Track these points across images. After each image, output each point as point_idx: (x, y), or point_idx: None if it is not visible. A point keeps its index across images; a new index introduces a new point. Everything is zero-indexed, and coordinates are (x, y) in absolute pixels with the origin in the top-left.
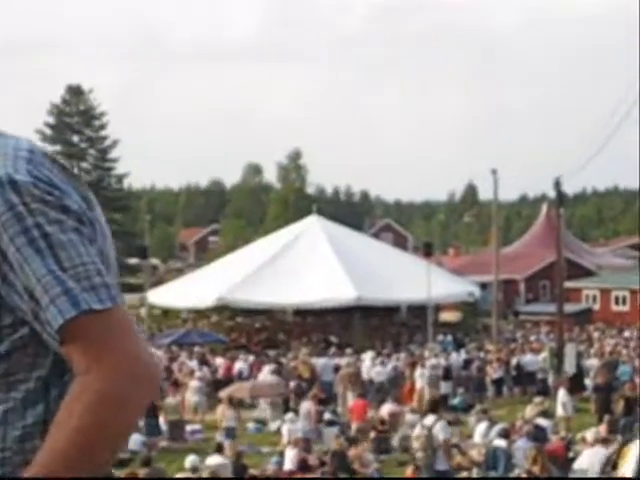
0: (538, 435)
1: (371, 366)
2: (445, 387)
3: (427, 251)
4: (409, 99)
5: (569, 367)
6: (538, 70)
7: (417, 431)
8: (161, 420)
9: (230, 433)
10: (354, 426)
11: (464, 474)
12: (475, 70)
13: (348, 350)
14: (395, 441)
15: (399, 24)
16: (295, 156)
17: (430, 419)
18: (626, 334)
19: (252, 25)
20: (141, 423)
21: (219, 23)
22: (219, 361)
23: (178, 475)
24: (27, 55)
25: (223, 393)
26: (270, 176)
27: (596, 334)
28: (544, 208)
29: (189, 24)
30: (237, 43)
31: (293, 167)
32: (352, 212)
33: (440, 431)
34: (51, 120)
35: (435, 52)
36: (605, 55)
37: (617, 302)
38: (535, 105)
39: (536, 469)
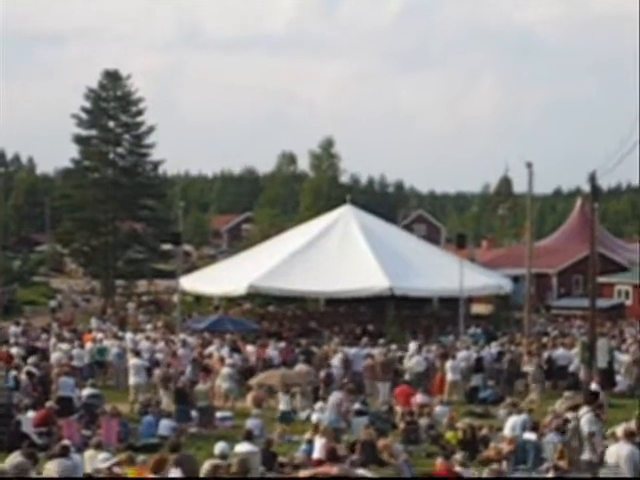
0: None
1: (413, 356)
2: (476, 379)
3: (460, 243)
4: (444, 91)
5: (601, 362)
6: (575, 64)
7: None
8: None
9: (286, 417)
10: (399, 410)
11: (494, 466)
12: (511, 63)
13: (380, 340)
14: (424, 432)
15: (433, 15)
16: (327, 144)
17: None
18: None
19: (289, 15)
20: (171, 409)
21: (257, 13)
22: (250, 349)
23: (207, 461)
24: (67, 41)
25: (253, 380)
26: (304, 165)
27: (628, 329)
28: (578, 202)
29: (227, 13)
30: (274, 33)
31: (326, 156)
32: (386, 202)
33: (586, 423)
34: (88, 105)
35: (470, 44)
36: None
37: None
38: (572, 99)
39: (563, 463)
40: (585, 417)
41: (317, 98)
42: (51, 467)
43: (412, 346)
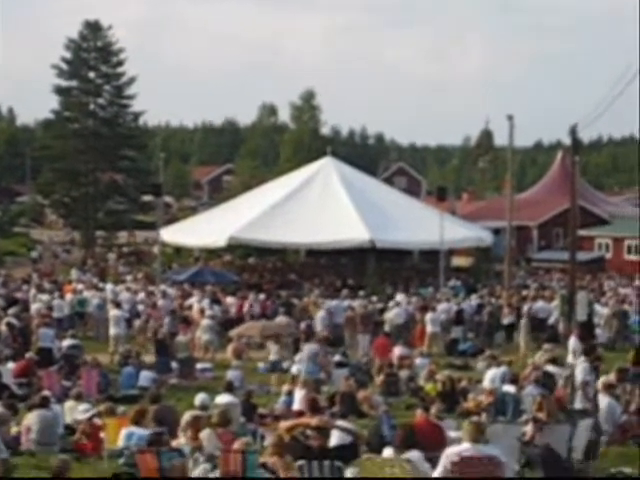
0: (547, 382)
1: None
2: (456, 332)
3: (440, 196)
4: (428, 45)
5: (580, 315)
6: (556, 18)
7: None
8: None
9: (276, 366)
10: (377, 362)
11: (474, 418)
12: (493, 17)
13: (360, 293)
14: (404, 384)
15: None
16: (308, 96)
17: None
18: (637, 283)
19: None
20: (152, 360)
21: None
22: (230, 300)
23: (187, 412)
24: None
25: (233, 332)
26: (285, 117)
27: (608, 283)
28: (559, 155)
29: None
30: None
31: (307, 107)
32: (366, 154)
33: (581, 372)
34: (68, 55)
35: (455, 0)
36: (631, 3)
37: (630, 251)
38: (553, 52)
39: (542, 415)
40: (581, 366)
41: (301, 50)
42: (31, 418)
43: (399, 298)
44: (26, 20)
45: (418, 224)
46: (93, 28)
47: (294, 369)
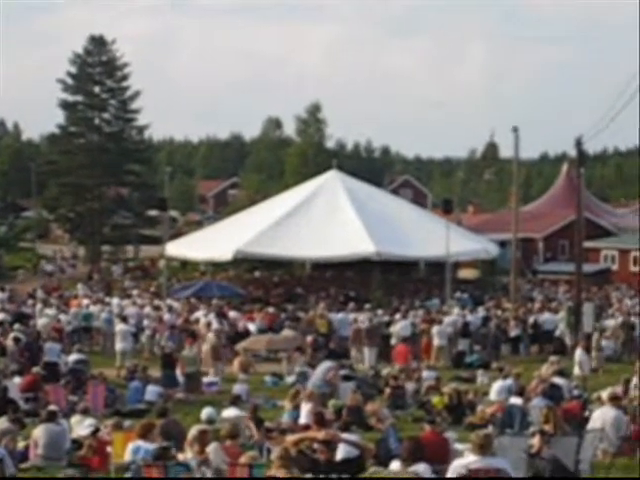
0: (554, 394)
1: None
2: (462, 344)
3: (446, 208)
4: (431, 56)
5: (586, 327)
6: (562, 28)
7: None
8: (178, 372)
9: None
10: (397, 366)
11: (481, 431)
12: (497, 28)
13: (366, 305)
14: (410, 397)
15: None
16: (314, 109)
17: None
18: None
19: None
20: (158, 374)
21: None
22: (236, 314)
23: (194, 427)
24: (55, 6)
25: (240, 346)
26: (290, 130)
27: (614, 294)
28: (564, 167)
29: None
30: None
31: (312, 121)
32: (372, 167)
33: None
34: (73, 70)
35: (457, 9)
36: (632, 13)
37: (635, 263)
38: (558, 64)
39: (549, 427)
40: None
41: (304, 63)
42: (38, 432)
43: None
44: (31, 35)
45: (424, 236)
46: (98, 43)
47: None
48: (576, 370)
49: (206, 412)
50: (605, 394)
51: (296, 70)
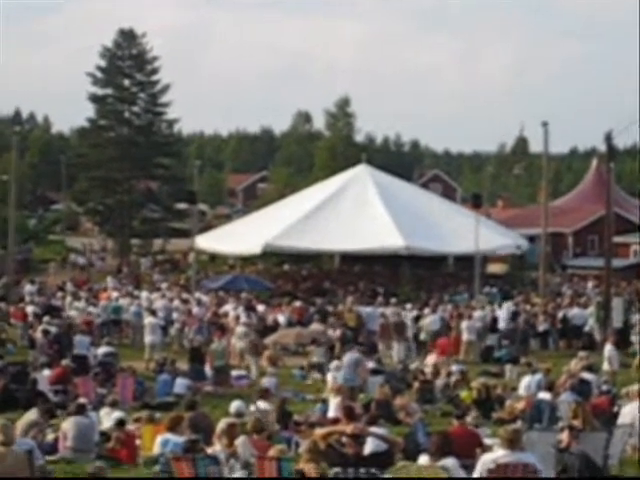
0: (582, 389)
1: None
2: (491, 339)
3: (476, 203)
4: (460, 49)
5: (616, 322)
6: (592, 22)
7: None
8: (207, 365)
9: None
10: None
11: (510, 426)
12: (525, 22)
13: (393, 300)
14: (439, 392)
15: None
16: (343, 104)
17: None
18: None
19: None
20: (187, 367)
21: None
22: (264, 308)
23: (222, 420)
24: None
25: (269, 339)
26: (320, 124)
27: None
28: (594, 162)
29: None
30: None
31: (341, 115)
32: (401, 162)
33: None
34: (103, 63)
35: (486, 4)
36: None
37: None
38: (588, 57)
39: (577, 423)
40: None
41: (334, 58)
42: (67, 425)
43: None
44: (61, 28)
45: (453, 231)
46: (128, 36)
47: (329, 376)
48: (605, 365)
49: (235, 405)
50: (634, 389)
51: (326, 64)
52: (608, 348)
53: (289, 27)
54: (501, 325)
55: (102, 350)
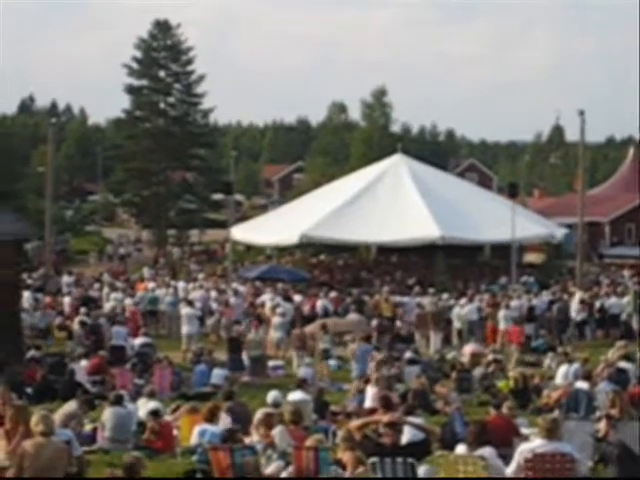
0: (620, 378)
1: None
2: (528, 328)
3: (512, 192)
4: (495, 38)
5: None
6: (624, 11)
7: None
8: (244, 355)
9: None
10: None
11: (548, 415)
12: (560, 11)
13: (430, 290)
14: (477, 381)
15: None
16: (380, 94)
17: None
18: None
19: None
20: (224, 358)
21: None
22: (301, 298)
23: (260, 410)
24: None
25: (306, 329)
26: (355, 114)
27: None
28: (631, 151)
29: None
30: None
31: (378, 105)
32: (437, 151)
33: None
34: (138, 55)
35: None
36: None
37: None
38: (624, 45)
39: (615, 412)
40: None
41: (368, 47)
42: (106, 415)
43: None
44: (97, 20)
45: (490, 220)
46: (163, 27)
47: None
48: None
49: (272, 395)
50: None
51: (361, 54)
52: None
53: (326, 17)
54: (538, 314)
55: (139, 341)
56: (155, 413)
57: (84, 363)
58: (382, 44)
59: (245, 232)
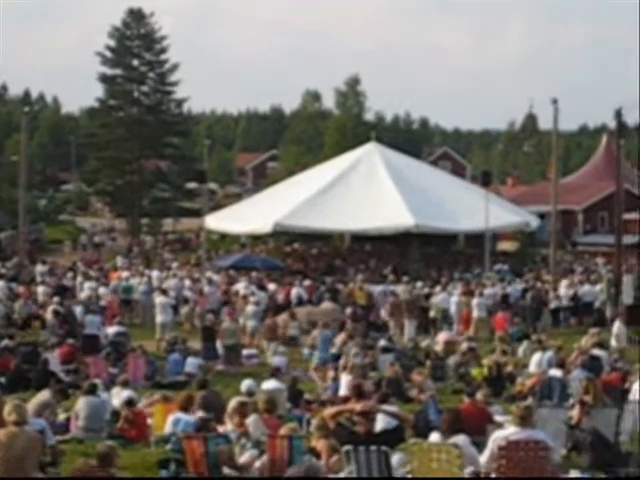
0: (593, 365)
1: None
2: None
3: (485, 180)
4: (469, 27)
5: (626, 298)
6: (602, 2)
7: None
8: (218, 344)
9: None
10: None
11: (521, 403)
12: (538, 1)
13: (404, 278)
14: (451, 369)
15: None
16: (353, 82)
17: None
18: None
19: None
20: (198, 346)
21: None
22: (272, 287)
23: (234, 399)
24: None
25: (279, 318)
26: (329, 103)
27: None
28: (604, 139)
29: None
30: None
31: (351, 94)
32: (411, 139)
33: None
34: (112, 43)
35: None
36: None
37: None
38: (597, 35)
39: (588, 399)
40: None
41: (343, 36)
42: (79, 404)
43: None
44: (70, 8)
45: (463, 208)
46: (136, 16)
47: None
48: (613, 342)
49: (246, 384)
50: None
51: (335, 43)
52: (617, 325)
53: (299, 5)
54: (512, 302)
55: (113, 330)
56: (129, 402)
57: (58, 352)
58: (358, 33)
59: (219, 221)
